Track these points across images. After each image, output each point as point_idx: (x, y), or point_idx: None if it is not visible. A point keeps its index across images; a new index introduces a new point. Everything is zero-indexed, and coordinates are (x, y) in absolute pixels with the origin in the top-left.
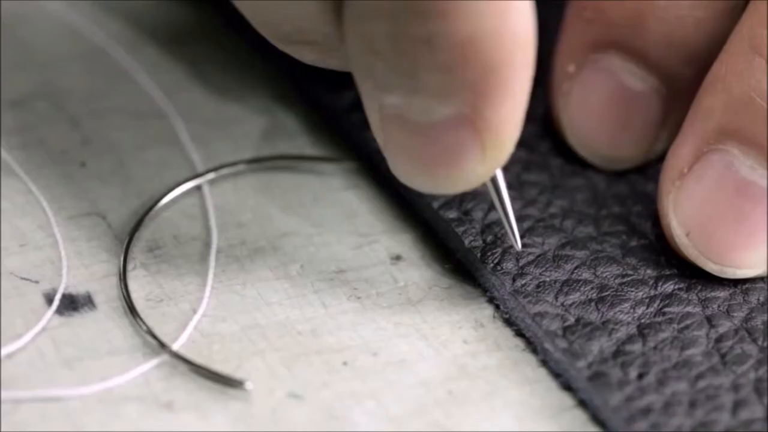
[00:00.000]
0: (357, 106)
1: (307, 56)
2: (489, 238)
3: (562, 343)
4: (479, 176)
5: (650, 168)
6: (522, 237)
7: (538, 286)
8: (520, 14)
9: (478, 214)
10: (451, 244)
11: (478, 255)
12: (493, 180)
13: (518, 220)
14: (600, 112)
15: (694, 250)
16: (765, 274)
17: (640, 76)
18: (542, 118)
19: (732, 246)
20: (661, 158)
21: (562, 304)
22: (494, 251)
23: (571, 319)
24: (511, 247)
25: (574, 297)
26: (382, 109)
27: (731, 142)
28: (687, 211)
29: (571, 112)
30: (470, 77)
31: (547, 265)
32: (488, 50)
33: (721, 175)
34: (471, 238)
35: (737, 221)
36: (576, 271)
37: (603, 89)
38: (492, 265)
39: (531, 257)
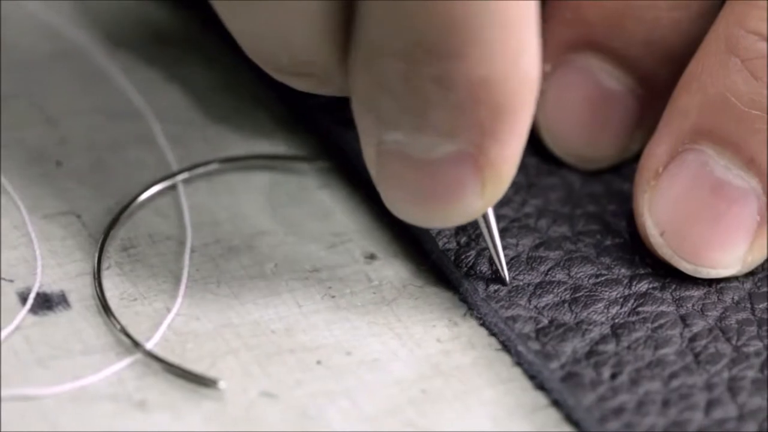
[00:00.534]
0: (332, 105)
1: (301, 86)
2: (463, 240)
3: (535, 345)
4: (475, 211)
5: (625, 167)
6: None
7: (511, 291)
8: (530, 57)
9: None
10: (425, 245)
11: (452, 257)
12: (484, 214)
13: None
14: (576, 112)
15: (668, 250)
16: (739, 274)
17: (616, 76)
18: None
19: (706, 245)
20: (636, 157)
21: (536, 307)
22: (468, 254)
23: (545, 321)
24: (485, 248)
25: (548, 299)
26: (382, 143)
27: (706, 141)
28: (662, 210)
29: (547, 112)
30: (479, 117)
31: (521, 268)
32: (499, 92)
33: (695, 175)
34: (445, 239)
35: (712, 221)
36: (550, 272)
37: (579, 89)
38: (465, 268)
39: (505, 260)
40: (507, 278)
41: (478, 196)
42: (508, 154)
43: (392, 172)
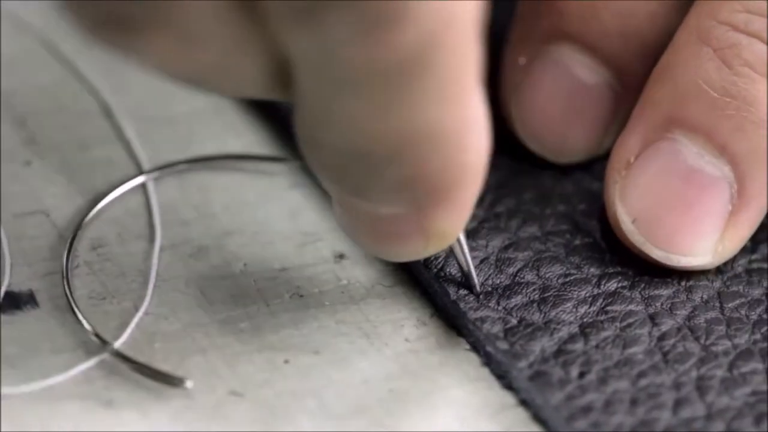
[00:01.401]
0: None
1: None
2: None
3: (503, 345)
4: (426, 254)
5: (597, 166)
6: (467, 238)
7: (480, 294)
8: (477, 148)
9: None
10: None
11: (422, 259)
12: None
13: None
14: (551, 105)
15: (639, 237)
16: (709, 266)
17: (592, 68)
18: (489, 117)
19: (678, 232)
20: (608, 154)
21: (504, 308)
22: (438, 256)
23: (513, 321)
24: (455, 258)
25: (517, 300)
26: (335, 195)
27: (678, 130)
28: (634, 198)
29: (521, 105)
30: (418, 194)
31: (490, 272)
32: (436, 181)
33: (668, 163)
34: None
35: (684, 208)
36: (519, 274)
37: (555, 81)
38: (435, 269)
39: (474, 262)
40: (478, 289)
41: (423, 246)
42: (453, 217)
43: (347, 215)
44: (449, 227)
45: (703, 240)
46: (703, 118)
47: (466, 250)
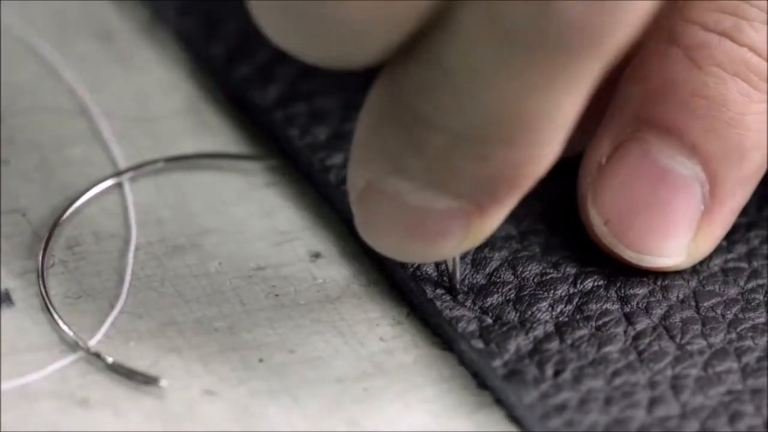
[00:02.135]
0: (281, 102)
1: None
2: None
3: (479, 344)
4: (451, 255)
5: (571, 165)
6: None
7: (458, 293)
8: (559, 143)
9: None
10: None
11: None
12: None
13: None
14: None
15: (612, 239)
16: (683, 266)
17: None
18: None
19: (650, 233)
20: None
21: (480, 307)
22: None
23: (489, 320)
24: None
25: (493, 299)
26: (378, 182)
27: (649, 130)
28: (606, 200)
29: None
30: (494, 186)
31: (467, 271)
32: (523, 171)
33: (639, 163)
34: None
35: (656, 209)
36: (495, 273)
37: None
38: (411, 269)
39: (451, 262)
40: (458, 289)
41: (456, 244)
42: (501, 214)
43: (378, 207)
44: (490, 227)
45: (675, 240)
46: (674, 118)
47: (458, 259)
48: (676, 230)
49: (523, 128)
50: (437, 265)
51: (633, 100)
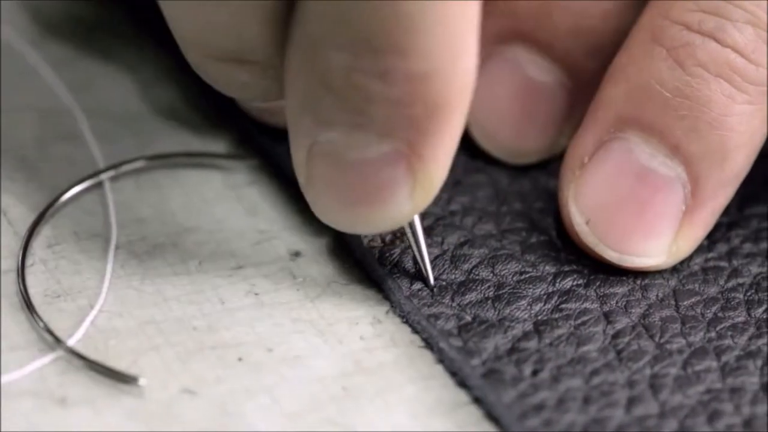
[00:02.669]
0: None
1: (235, 80)
2: (388, 237)
3: (457, 342)
4: (404, 216)
5: (553, 163)
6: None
7: (434, 289)
8: (470, 56)
9: (410, 250)
10: (350, 243)
11: (376, 255)
12: (410, 222)
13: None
14: (504, 105)
15: (593, 238)
16: (664, 266)
17: (545, 67)
18: None
19: (632, 233)
20: (564, 153)
21: (459, 305)
22: (393, 251)
23: (468, 318)
24: (410, 247)
25: (471, 297)
26: (315, 145)
27: (631, 129)
28: (587, 199)
29: (475, 105)
30: (416, 113)
31: (445, 267)
32: (438, 88)
33: (621, 163)
34: (369, 237)
35: (637, 209)
36: (474, 270)
37: (508, 81)
38: (390, 266)
39: (429, 258)
40: (432, 281)
41: (407, 198)
42: (441, 155)
43: (323, 174)
44: (435, 173)
45: (656, 240)
46: (656, 118)
47: (422, 239)
48: (657, 230)
49: (408, 34)
50: (415, 258)
51: (616, 99)
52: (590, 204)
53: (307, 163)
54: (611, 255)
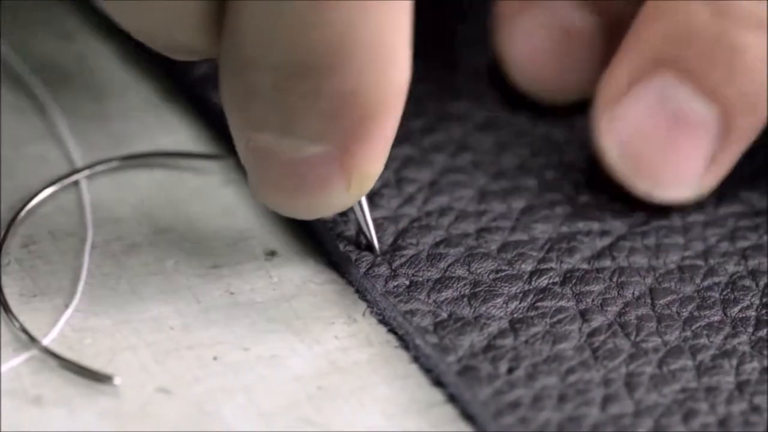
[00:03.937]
0: None
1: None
2: (364, 241)
3: (433, 339)
4: (343, 205)
5: (530, 164)
6: (397, 239)
7: (410, 286)
8: (401, 68)
9: (353, 215)
10: (326, 245)
11: (353, 258)
12: None
13: (394, 219)
14: (544, 46)
15: (625, 171)
16: (691, 200)
17: (583, 13)
18: (432, 113)
19: (663, 168)
20: (544, 156)
21: (435, 301)
22: (368, 256)
23: (443, 315)
24: (387, 252)
25: (447, 294)
26: (250, 141)
27: (668, 71)
28: (620, 134)
29: (514, 46)
30: (346, 124)
31: (420, 265)
32: (368, 102)
33: (656, 102)
34: (346, 241)
35: (670, 146)
36: (450, 268)
37: (546, 27)
38: (365, 269)
39: (404, 259)
40: (377, 247)
41: (344, 191)
42: (374, 155)
43: (260, 167)
44: (370, 167)
45: (687, 177)
46: (694, 63)
47: (366, 208)
48: (688, 168)
49: (336, 55)
50: (360, 228)
51: (654, 38)
52: (623, 138)
53: (245, 155)
54: (641, 187)
